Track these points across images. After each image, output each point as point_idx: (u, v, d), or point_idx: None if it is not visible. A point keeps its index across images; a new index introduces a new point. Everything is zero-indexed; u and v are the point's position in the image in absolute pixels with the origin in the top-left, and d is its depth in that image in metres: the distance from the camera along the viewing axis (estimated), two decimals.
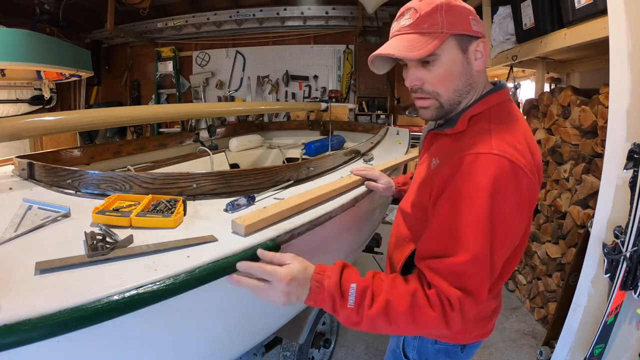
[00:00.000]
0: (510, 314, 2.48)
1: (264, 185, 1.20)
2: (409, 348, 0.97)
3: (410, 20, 0.78)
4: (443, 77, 0.79)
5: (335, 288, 0.71)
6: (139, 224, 0.87)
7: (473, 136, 0.77)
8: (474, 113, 0.81)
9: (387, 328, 0.72)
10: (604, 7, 1.38)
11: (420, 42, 0.76)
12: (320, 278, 0.73)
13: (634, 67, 1.21)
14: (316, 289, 0.73)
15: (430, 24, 0.76)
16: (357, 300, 0.71)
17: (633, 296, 1.22)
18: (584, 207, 2.00)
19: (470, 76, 0.81)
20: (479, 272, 0.69)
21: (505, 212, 0.69)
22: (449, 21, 0.76)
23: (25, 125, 1.24)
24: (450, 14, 0.76)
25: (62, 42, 4.20)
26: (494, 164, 0.69)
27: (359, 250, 2.04)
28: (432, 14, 0.76)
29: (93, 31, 5.87)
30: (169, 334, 0.81)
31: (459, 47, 0.78)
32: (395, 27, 0.83)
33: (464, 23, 0.78)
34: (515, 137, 0.75)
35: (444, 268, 0.69)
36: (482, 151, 0.71)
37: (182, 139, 2.45)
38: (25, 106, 4.44)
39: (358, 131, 3.27)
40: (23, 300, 0.59)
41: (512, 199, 0.70)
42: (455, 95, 0.81)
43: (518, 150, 0.72)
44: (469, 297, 0.68)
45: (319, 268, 0.75)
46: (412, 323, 0.70)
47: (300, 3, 5.22)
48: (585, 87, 2.29)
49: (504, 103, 0.83)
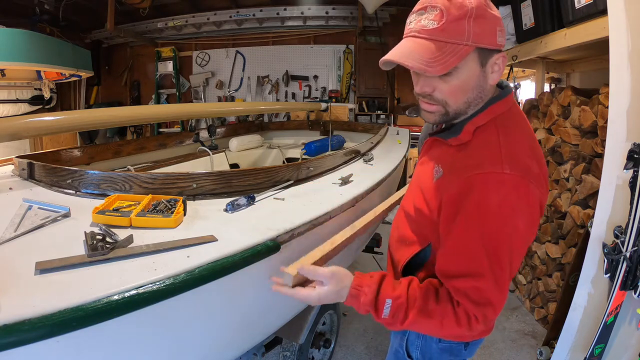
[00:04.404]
0: (510, 314, 2.47)
1: (264, 185, 1.20)
2: (412, 347, 0.98)
3: (435, 24, 0.71)
4: (457, 89, 0.76)
5: (371, 305, 0.77)
6: (139, 224, 0.87)
7: (480, 149, 0.75)
8: (480, 124, 0.78)
9: (416, 331, 0.84)
10: (604, 7, 1.38)
11: (442, 55, 0.71)
12: (357, 294, 0.78)
13: (634, 67, 1.21)
14: (352, 300, 0.79)
15: (456, 33, 0.71)
16: (392, 313, 0.77)
17: (633, 296, 1.22)
18: (584, 207, 1.99)
19: (483, 89, 0.78)
20: (500, 288, 0.74)
21: (520, 228, 0.72)
22: (475, 32, 0.71)
23: (25, 125, 1.24)
24: (479, 22, 0.71)
25: (62, 42, 4.20)
26: (506, 184, 0.70)
27: (359, 250, 2.04)
28: (459, 21, 0.70)
29: (93, 31, 5.87)
30: (169, 334, 0.81)
31: (479, 60, 0.74)
32: (413, 24, 0.75)
33: (491, 35, 0.73)
34: (523, 148, 0.75)
35: (469, 288, 0.73)
36: (493, 170, 0.71)
37: (182, 139, 2.45)
38: (25, 106, 4.43)
39: (358, 131, 3.27)
40: (23, 300, 0.59)
41: (526, 214, 0.72)
42: (464, 106, 0.78)
43: (527, 165, 0.72)
44: (491, 308, 0.74)
45: (356, 282, 0.79)
46: (439, 333, 0.80)
47: (300, 3, 5.22)
48: (585, 87, 2.28)
49: (510, 110, 0.81)
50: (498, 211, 0.70)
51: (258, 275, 0.90)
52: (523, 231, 0.73)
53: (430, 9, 0.72)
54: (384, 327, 0.82)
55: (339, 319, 1.91)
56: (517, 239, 0.73)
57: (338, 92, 5.36)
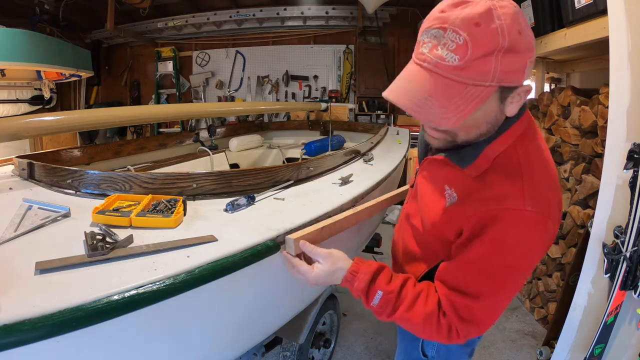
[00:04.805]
0: (510, 314, 2.47)
1: (264, 185, 1.20)
2: (428, 347, 1.00)
3: (456, 61, 0.59)
4: (469, 127, 0.69)
5: (362, 292, 0.80)
6: (139, 224, 0.87)
7: (501, 181, 0.70)
8: (500, 151, 0.71)
9: (399, 325, 0.84)
10: (604, 7, 1.38)
11: (459, 100, 0.60)
12: (352, 278, 0.80)
13: (634, 67, 1.21)
14: (346, 283, 0.81)
15: (480, 74, 0.59)
16: (380, 304, 0.79)
17: (633, 296, 1.22)
18: (584, 207, 2.00)
19: (499, 120, 0.70)
20: (493, 312, 0.76)
21: (533, 261, 0.74)
22: (503, 69, 0.59)
23: (25, 125, 1.24)
24: (509, 57, 0.59)
25: (62, 42, 4.21)
26: (527, 221, 0.68)
27: (358, 250, 2.04)
28: (486, 58, 0.58)
29: (93, 31, 5.87)
30: (169, 334, 0.81)
31: (499, 98, 0.65)
32: (427, 49, 0.62)
33: (519, 72, 0.62)
34: (544, 177, 0.71)
35: (461, 304, 0.73)
36: (515, 207, 0.67)
37: (182, 139, 2.45)
38: (25, 106, 4.44)
39: (358, 131, 3.27)
40: (23, 300, 0.59)
41: (541, 249, 0.73)
42: (476, 138, 0.72)
43: (547, 199, 0.70)
44: (475, 328, 0.74)
45: (354, 267, 0.81)
46: (421, 334, 0.80)
47: (300, 3, 5.22)
48: (585, 87, 2.28)
49: (528, 129, 0.74)
50: (514, 248, 0.69)
51: (258, 275, 0.90)
52: (534, 265, 0.75)
53: (452, 33, 0.59)
54: (384, 327, 0.83)
55: (339, 319, 1.91)
56: (526, 272, 0.74)
57: (338, 92, 5.36)
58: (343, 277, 0.81)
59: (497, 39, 0.58)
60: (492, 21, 0.58)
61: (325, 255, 0.82)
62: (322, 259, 0.82)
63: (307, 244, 0.86)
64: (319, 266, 0.82)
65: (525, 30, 0.61)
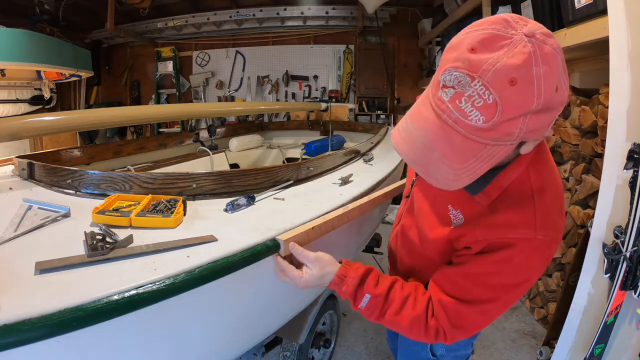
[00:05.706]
0: (510, 314, 2.47)
1: (264, 185, 1.20)
2: (437, 347, 1.00)
3: (481, 120, 0.51)
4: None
5: (350, 295, 0.80)
6: (139, 224, 0.87)
7: (513, 206, 0.67)
8: (513, 178, 0.67)
9: (387, 327, 0.85)
10: (604, 7, 1.38)
11: (475, 160, 0.55)
12: (340, 282, 0.81)
13: (634, 67, 1.21)
14: (334, 287, 0.82)
15: (504, 135, 0.53)
16: (367, 306, 0.79)
17: (633, 296, 1.22)
18: (584, 207, 1.99)
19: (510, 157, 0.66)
20: (485, 322, 0.77)
21: (534, 279, 0.74)
22: (529, 129, 0.53)
23: (25, 125, 1.24)
24: (539, 117, 0.53)
25: (62, 42, 4.20)
26: (539, 249, 0.68)
27: (359, 251, 2.04)
28: (515, 120, 0.52)
29: (93, 31, 5.86)
30: (169, 334, 0.81)
31: (516, 147, 0.60)
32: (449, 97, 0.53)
33: (545, 127, 0.55)
34: (554, 201, 0.69)
35: (453, 309, 0.74)
36: (526, 236, 0.66)
37: (182, 139, 2.45)
38: (25, 106, 4.43)
39: (358, 131, 3.27)
40: (23, 300, 0.59)
41: (544, 266, 0.73)
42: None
43: (557, 225, 0.69)
44: (464, 332, 0.75)
45: (341, 271, 0.82)
46: (408, 335, 0.80)
47: (300, 3, 5.22)
48: (585, 87, 2.28)
49: (540, 148, 0.69)
50: (519, 269, 0.70)
51: (258, 275, 0.90)
52: (534, 282, 0.77)
53: (481, 87, 0.50)
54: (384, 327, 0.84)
55: (339, 319, 1.91)
56: (526, 288, 0.74)
57: (338, 92, 5.36)
58: (331, 281, 0.82)
59: (531, 101, 0.51)
60: (530, 77, 0.50)
61: (313, 260, 0.82)
62: (311, 263, 0.82)
63: (296, 246, 0.86)
64: (307, 271, 0.82)
65: (562, 85, 0.53)
